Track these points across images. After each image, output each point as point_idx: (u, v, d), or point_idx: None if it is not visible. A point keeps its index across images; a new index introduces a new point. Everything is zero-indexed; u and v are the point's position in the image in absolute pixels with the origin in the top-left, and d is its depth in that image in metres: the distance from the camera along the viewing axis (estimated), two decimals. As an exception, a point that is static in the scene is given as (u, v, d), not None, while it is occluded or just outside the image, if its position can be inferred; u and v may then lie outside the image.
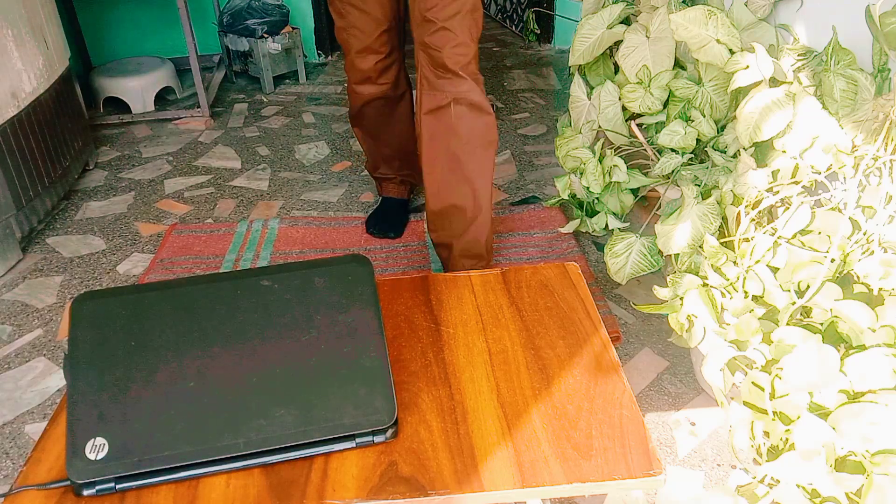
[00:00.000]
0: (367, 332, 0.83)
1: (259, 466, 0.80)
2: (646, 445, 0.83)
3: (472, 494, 0.78)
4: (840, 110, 1.27)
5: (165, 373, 0.79)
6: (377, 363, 0.81)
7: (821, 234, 1.20)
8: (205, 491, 0.78)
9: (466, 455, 0.82)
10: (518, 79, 3.45)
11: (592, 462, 0.81)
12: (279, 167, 2.65)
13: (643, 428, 0.85)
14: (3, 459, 1.51)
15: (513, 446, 0.83)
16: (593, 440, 0.84)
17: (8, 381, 1.70)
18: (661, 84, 1.64)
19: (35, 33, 2.22)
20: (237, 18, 3.13)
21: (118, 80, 3.04)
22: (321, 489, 0.78)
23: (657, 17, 1.65)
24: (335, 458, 0.81)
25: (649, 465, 0.80)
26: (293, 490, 0.77)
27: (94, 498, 0.77)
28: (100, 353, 0.80)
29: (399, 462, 0.81)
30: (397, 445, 0.83)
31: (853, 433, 0.92)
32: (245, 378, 0.80)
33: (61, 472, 0.79)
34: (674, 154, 1.58)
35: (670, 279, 1.31)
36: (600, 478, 0.79)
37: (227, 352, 0.81)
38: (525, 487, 0.78)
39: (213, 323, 0.82)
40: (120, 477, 0.76)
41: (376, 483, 0.78)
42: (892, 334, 1.00)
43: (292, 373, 0.80)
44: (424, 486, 0.78)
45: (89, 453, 0.75)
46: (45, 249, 2.20)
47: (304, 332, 0.82)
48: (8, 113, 2.04)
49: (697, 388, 1.64)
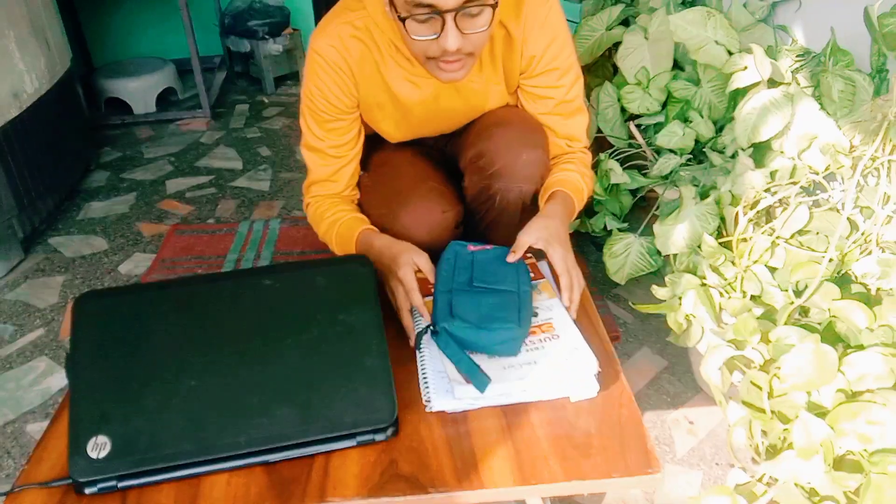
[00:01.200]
0: (367, 331, 0.83)
1: (260, 465, 0.80)
2: (644, 444, 0.83)
3: (472, 492, 0.78)
4: (838, 111, 1.28)
5: (167, 371, 0.79)
6: (378, 362, 0.82)
7: (819, 234, 1.20)
8: (206, 489, 0.78)
9: (466, 453, 0.82)
10: (518, 80, 3.45)
11: (591, 460, 0.81)
12: (280, 168, 2.66)
13: (642, 427, 0.85)
14: (4, 459, 1.51)
15: (512, 445, 0.83)
16: (592, 439, 0.84)
17: (10, 380, 1.71)
18: (659, 85, 1.65)
19: (37, 34, 2.23)
20: (238, 20, 3.13)
21: (120, 81, 3.05)
22: (322, 487, 0.78)
23: (656, 18, 1.65)
24: (336, 456, 0.81)
25: (648, 464, 0.80)
26: (294, 488, 0.78)
27: (95, 496, 0.77)
28: (102, 352, 0.80)
29: (399, 460, 0.81)
30: (398, 444, 0.83)
31: (851, 432, 0.92)
32: (246, 377, 0.80)
33: (63, 471, 0.79)
34: (672, 155, 1.59)
35: (669, 279, 1.32)
36: (599, 476, 0.79)
37: (228, 351, 0.81)
38: (524, 485, 0.78)
39: (215, 322, 0.83)
40: (122, 475, 0.76)
41: (377, 481, 0.79)
42: (890, 334, 1.00)
43: (294, 372, 0.80)
44: (425, 485, 0.78)
45: (91, 451, 0.75)
46: (47, 249, 2.20)
47: (305, 332, 0.82)
48: (10, 113, 2.05)
49: (696, 387, 1.64)
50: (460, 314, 0.91)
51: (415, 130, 1.27)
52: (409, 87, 1.16)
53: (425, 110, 1.20)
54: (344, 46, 1.11)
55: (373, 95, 1.17)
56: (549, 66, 1.17)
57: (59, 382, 1.70)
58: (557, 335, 0.94)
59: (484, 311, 0.92)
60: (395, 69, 1.14)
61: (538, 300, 1.01)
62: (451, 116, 1.25)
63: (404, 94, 1.17)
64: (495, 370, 0.89)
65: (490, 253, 1.04)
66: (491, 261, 1.02)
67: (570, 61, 1.19)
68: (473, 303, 0.93)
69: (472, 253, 1.04)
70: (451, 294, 0.95)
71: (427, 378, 0.88)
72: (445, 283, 0.98)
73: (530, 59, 1.16)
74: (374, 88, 1.16)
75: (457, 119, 1.26)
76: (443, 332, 0.89)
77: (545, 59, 1.16)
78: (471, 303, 0.93)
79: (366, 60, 1.13)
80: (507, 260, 1.02)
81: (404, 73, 1.14)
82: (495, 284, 0.97)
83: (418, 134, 1.29)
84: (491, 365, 0.89)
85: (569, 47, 1.18)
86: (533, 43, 1.14)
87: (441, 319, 0.91)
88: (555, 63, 1.17)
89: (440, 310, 0.93)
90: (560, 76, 1.19)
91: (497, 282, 0.98)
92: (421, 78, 1.15)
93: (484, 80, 1.18)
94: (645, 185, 1.65)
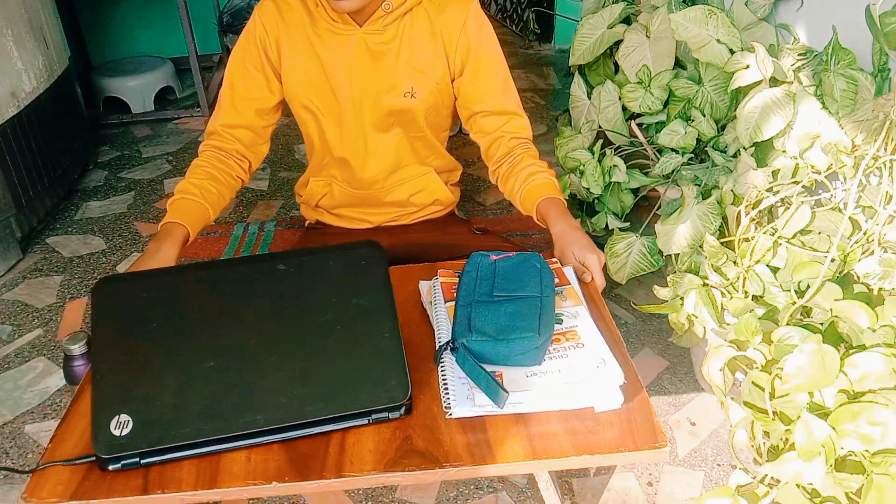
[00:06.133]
0: (380, 313, 0.84)
1: (279, 442, 0.82)
2: (651, 420, 0.85)
3: (484, 466, 0.80)
4: (840, 110, 1.27)
5: (186, 352, 0.81)
6: (392, 343, 0.83)
7: (821, 233, 1.20)
8: (226, 464, 0.80)
9: (478, 430, 0.84)
10: (518, 78, 3.44)
11: (599, 436, 0.83)
12: (279, 167, 2.65)
13: (648, 404, 0.87)
14: (3, 459, 1.51)
15: (522, 421, 0.85)
16: (600, 415, 0.86)
17: (7, 381, 1.70)
18: (661, 84, 1.64)
19: (35, 33, 2.22)
20: (237, 18, 3.13)
21: (118, 79, 3.04)
22: (339, 463, 0.80)
23: (657, 16, 1.65)
24: (352, 433, 0.84)
25: (654, 438, 0.82)
26: (312, 464, 0.80)
27: (118, 472, 0.78)
28: (122, 334, 0.82)
29: (414, 437, 0.83)
30: (412, 422, 0.85)
31: (853, 433, 0.92)
32: (263, 357, 0.81)
33: (86, 449, 0.81)
34: (674, 154, 1.58)
35: (670, 279, 1.31)
36: (607, 450, 0.81)
37: (245, 332, 0.83)
38: (535, 459, 0.81)
39: (232, 305, 0.84)
40: (144, 452, 0.78)
41: (392, 456, 0.81)
42: (892, 334, 1.00)
43: (309, 352, 0.82)
44: (439, 459, 0.80)
45: (115, 430, 0.76)
46: (44, 249, 2.20)
47: (319, 314, 0.84)
48: (8, 113, 2.04)
49: (697, 387, 1.64)
50: (479, 327, 0.91)
51: (337, 100, 1.26)
52: (333, 44, 1.21)
53: (348, 77, 1.23)
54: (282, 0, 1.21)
55: (301, 64, 1.23)
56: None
57: (57, 382, 1.69)
58: (582, 343, 0.92)
59: (503, 322, 0.91)
60: (322, 24, 1.20)
61: (563, 306, 0.99)
62: (366, 83, 1.25)
63: (331, 60, 1.22)
64: (518, 378, 0.88)
65: (512, 260, 1.03)
66: (512, 268, 1.02)
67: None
68: (493, 314, 0.93)
69: (493, 263, 1.03)
70: (471, 307, 0.95)
71: (447, 385, 0.88)
72: (467, 295, 0.97)
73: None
74: (302, 56, 1.22)
75: (372, 88, 1.25)
76: (461, 347, 0.89)
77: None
78: (490, 314, 0.93)
79: (297, 20, 1.21)
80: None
81: (329, 27, 1.20)
82: (517, 291, 0.97)
83: (345, 111, 1.27)
84: (513, 373, 0.89)
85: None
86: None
87: (460, 335, 0.91)
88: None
89: (459, 324, 0.93)
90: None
91: (518, 288, 0.97)
92: (344, 36, 1.20)
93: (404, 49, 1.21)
94: (646, 185, 1.64)
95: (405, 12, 1.19)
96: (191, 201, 1.17)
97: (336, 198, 1.39)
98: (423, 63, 1.22)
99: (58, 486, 0.77)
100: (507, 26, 4.16)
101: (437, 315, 1.00)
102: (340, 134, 1.29)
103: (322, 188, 1.39)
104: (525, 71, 3.52)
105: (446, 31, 1.21)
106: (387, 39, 1.20)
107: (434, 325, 0.99)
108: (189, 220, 1.14)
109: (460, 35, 1.21)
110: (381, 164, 1.31)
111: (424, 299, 1.05)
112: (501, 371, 0.89)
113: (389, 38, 1.20)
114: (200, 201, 1.18)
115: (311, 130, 1.31)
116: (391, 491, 1.42)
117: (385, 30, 1.19)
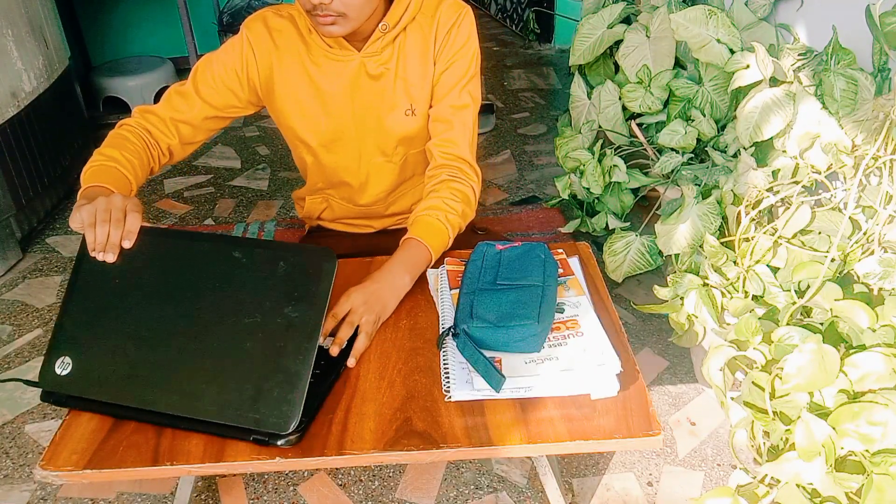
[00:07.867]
0: (303, 332, 0.84)
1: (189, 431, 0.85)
2: (646, 408, 0.86)
3: (481, 448, 0.82)
4: (840, 110, 1.27)
5: (130, 317, 0.87)
6: (300, 368, 0.82)
7: (821, 233, 1.20)
8: (232, 442, 0.83)
9: (477, 413, 0.86)
10: (518, 78, 3.45)
11: (595, 423, 0.84)
12: (279, 167, 2.65)
13: (645, 393, 0.88)
14: (3, 459, 1.51)
15: (520, 406, 0.87)
16: (596, 403, 0.87)
17: (8, 380, 1.70)
18: (661, 83, 1.64)
19: (35, 33, 2.22)
20: (237, 18, 3.13)
21: (118, 79, 3.04)
22: (341, 441, 0.83)
23: (657, 16, 1.65)
24: (354, 413, 0.86)
25: (649, 426, 0.84)
26: (315, 442, 0.83)
27: (131, 444, 0.84)
28: (89, 284, 0.90)
29: (414, 419, 0.85)
30: (412, 404, 0.87)
31: (853, 433, 0.92)
32: (187, 343, 0.86)
33: (101, 421, 0.88)
34: (674, 153, 1.58)
35: (671, 279, 1.31)
36: (602, 436, 0.83)
37: (183, 311, 0.87)
38: (531, 443, 0.82)
39: (183, 279, 0.89)
40: (72, 397, 0.87)
41: (392, 436, 0.83)
42: (892, 334, 1.00)
43: (227, 350, 0.84)
44: (437, 440, 0.82)
45: (57, 368, 0.87)
46: (44, 249, 2.20)
47: (249, 315, 0.86)
48: (8, 112, 2.04)
49: (698, 387, 1.64)
50: (480, 314, 0.94)
51: (335, 128, 1.23)
52: (331, 71, 1.18)
53: (351, 102, 1.20)
54: (274, 24, 1.18)
55: (294, 94, 1.20)
56: None
57: (57, 382, 1.69)
58: (582, 332, 0.94)
59: (504, 310, 0.94)
60: (317, 51, 1.17)
61: (565, 296, 1.02)
62: (367, 107, 1.21)
63: (331, 87, 1.19)
64: (516, 364, 0.90)
65: (517, 249, 1.06)
66: (517, 257, 1.05)
67: None
68: (495, 301, 0.96)
69: (499, 252, 1.07)
70: (474, 295, 0.98)
71: (448, 369, 0.91)
72: (471, 283, 1.01)
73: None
74: (296, 85, 1.19)
75: (374, 111, 1.22)
76: (462, 333, 0.92)
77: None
78: (492, 302, 0.96)
79: (291, 46, 1.18)
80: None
81: (326, 53, 1.17)
82: (519, 280, 1.00)
83: (338, 135, 1.24)
84: (512, 359, 0.91)
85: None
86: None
87: (461, 322, 0.93)
88: None
89: (461, 311, 0.96)
90: None
91: (521, 277, 1.00)
92: (342, 62, 1.17)
93: (400, 75, 1.19)
94: (646, 185, 1.64)
95: (401, 30, 1.17)
96: (123, 176, 1.07)
97: (336, 212, 1.39)
98: (417, 78, 1.20)
99: (73, 454, 0.82)
100: (507, 26, 4.16)
101: (441, 302, 1.03)
102: (337, 161, 1.27)
103: (321, 204, 1.38)
104: (525, 71, 3.53)
105: (437, 39, 1.19)
106: (385, 60, 1.18)
107: (439, 311, 1.02)
108: (120, 189, 1.03)
109: (445, 38, 1.19)
110: (381, 186, 1.31)
111: (432, 287, 1.08)
112: (501, 357, 0.91)
113: (387, 59, 1.18)
114: (131, 179, 1.08)
115: (304, 155, 1.29)
116: (391, 491, 1.42)
117: (382, 50, 1.17)
